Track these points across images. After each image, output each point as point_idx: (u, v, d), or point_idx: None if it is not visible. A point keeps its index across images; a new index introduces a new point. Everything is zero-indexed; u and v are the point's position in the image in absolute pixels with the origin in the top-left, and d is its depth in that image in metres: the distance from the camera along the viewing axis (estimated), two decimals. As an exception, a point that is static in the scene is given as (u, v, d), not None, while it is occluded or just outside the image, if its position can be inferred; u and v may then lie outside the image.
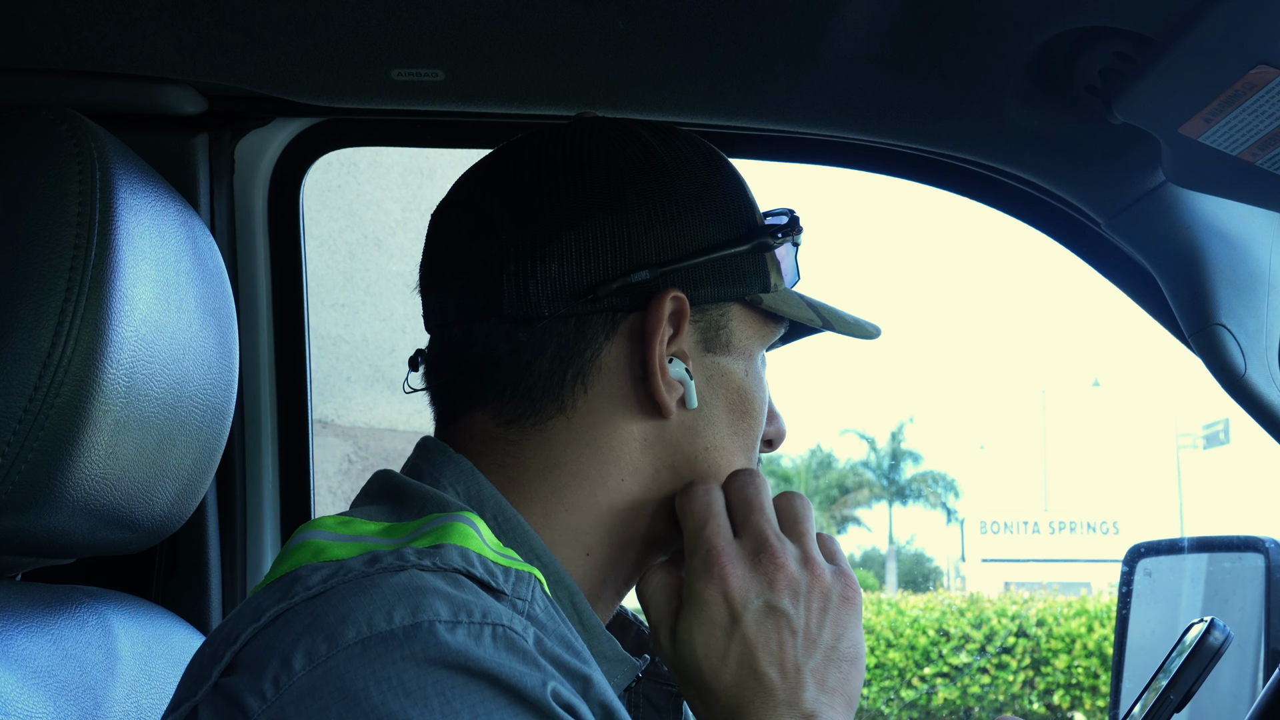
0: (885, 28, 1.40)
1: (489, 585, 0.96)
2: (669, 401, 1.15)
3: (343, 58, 1.55)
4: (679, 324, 1.16)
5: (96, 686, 1.21)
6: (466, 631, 0.88)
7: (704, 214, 1.19)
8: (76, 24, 1.46)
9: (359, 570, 0.93)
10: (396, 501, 1.10)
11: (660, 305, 1.14)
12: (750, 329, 1.21)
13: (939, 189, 1.81)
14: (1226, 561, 2.12)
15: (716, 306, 1.19)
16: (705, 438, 1.18)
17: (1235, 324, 1.52)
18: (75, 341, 1.08)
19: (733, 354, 1.20)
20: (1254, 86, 1.15)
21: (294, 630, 0.89)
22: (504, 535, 1.10)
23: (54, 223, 1.10)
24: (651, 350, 1.14)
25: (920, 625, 18.51)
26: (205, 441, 1.35)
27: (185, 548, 1.78)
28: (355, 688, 0.85)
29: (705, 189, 1.20)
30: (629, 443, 1.16)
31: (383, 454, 10.53)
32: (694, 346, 1.18)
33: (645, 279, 1.14)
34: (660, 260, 1.15)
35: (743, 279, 1.19)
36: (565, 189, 1.18)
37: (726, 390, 1.19)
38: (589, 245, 1.15)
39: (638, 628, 1.28)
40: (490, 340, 1.16)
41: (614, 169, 1.19)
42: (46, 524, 1.14)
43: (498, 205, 1.18)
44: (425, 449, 1.17)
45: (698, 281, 1.17)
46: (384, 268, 10.85)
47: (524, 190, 1.19)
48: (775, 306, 1.20)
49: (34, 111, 1.16)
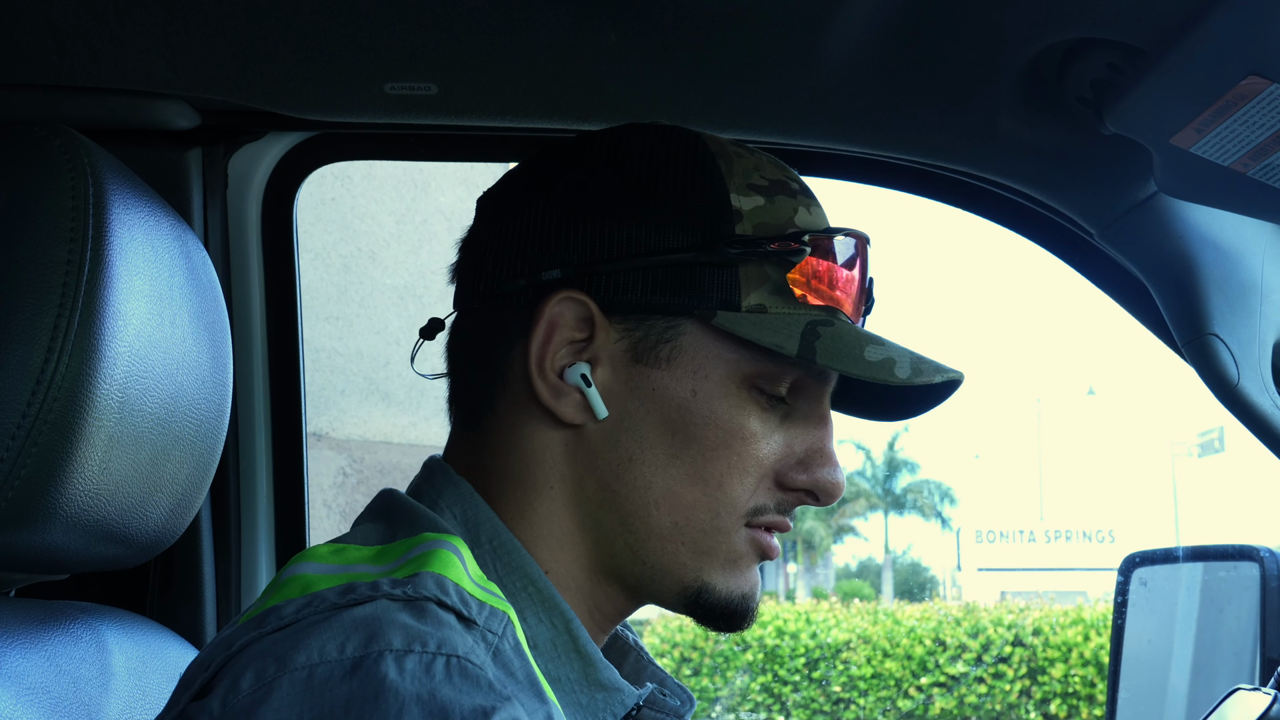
0: (877, 39, 1.41)
1: (461, 614, 0.95)
2: (558, 407, 1.12)
3: (336, 72, 1.55)
4: (592, 328, 1.12)
5: (91, 702, 1.21)
6: (418, 660, 0.87)
7: (649, 216, 1.13)
8: (69, 39, 1.46)
9: (331, 601, 0.94)
10: (393, 521, 1.10)
11: (545, 305, 1.12)
12: (708, 349, 1.12)
13: (932, 200, 1.82)
14: (1222, 570, 2.12)
15: (664, 318, 1.12)
16: (625, 448, 1.12)
17: (1228, 333, 1.52)
18: (68, 357, 1.08)
19: (674, 370, 1.12)
20: (1245, 97, 1.15)
21: (250, 654, 0.90)
22: (499, 561, 1.10)
23: (47, 238, 1.10)
24: (528, 351, 1.12)
25: (917, 635, 18.48)
26: (199, 456, 1.34)
27: (180, 562, 1.78)
28: (289, 709, 0.85)
29: (661, 190, 1.15)
30: (549, 448, 1.14)
31: (377, 467, 10.52)
32: (620, 354, 1.13)
33: (555, 278, 1.12)
34: (579, 260, 1.13)
35: (693, 291, 1.12)
36: (516, 183, 1.22)
37: (661, 407, 1.12)
38: (518, 240, 1.16)
39: (637, 653, 1.27)
40: (453, 331, 1.22)
41: (566, 164, 1.20)
42: (40, 539, 1.14)
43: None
44: (429, 469, 1.18)
45: (624, 286, 1.12)
46: (378, 281, 10.85)
47: (498, 186, 1.24)
48: (731, 326, 1.11)
49: (27, 127, 1.16)
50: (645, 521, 1.12)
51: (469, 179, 11.63)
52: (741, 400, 1.13)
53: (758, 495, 1.14)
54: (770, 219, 1.15)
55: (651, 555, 1.13)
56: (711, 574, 1.14)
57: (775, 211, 1.16)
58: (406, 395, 10.56)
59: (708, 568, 1.14)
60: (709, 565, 1.14)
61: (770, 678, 18.42)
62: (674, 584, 1.14)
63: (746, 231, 1.13)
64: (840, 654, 18.43)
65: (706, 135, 1.21)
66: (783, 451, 1.15)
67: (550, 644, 1.09)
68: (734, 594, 1.16)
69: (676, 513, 1.12)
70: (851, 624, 18.83)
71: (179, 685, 0.96)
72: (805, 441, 1.17)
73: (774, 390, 1.14)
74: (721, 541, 1.14)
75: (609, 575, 1.16)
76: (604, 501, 1.13)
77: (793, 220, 1.16)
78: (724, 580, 1.15)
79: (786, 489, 1.16)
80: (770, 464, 1.15)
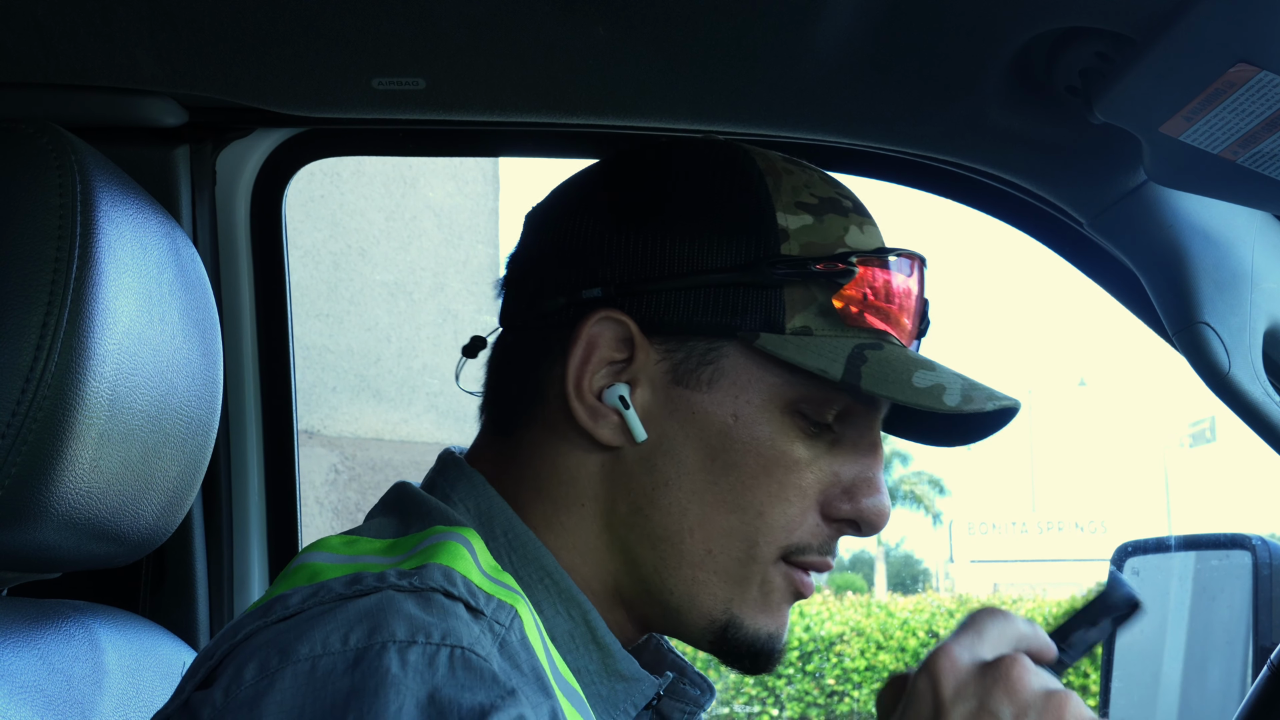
0: (866, 31, 1.40)
1: (468, 604, 0.94)
2: (596, 429, 1.10)
3: (323, 67, 1.55)
4: (632, 349, 1.10)
5: (84, 700, 1.21)
6: (421, 652, 0.87)
7: (692, 234, 1.11)
8: (55, 37, 1.45)
9: (337, 592, 0.93)
10: (405, 514, 1.10)
11: (584, 325, 1.10)
12: (751, 372, 1.09)
13: (921, 191, 1.81)
14: (1214, 559, 2.12)
15: (705, 340, 1.09)
16: (662, 471, 1.09)
17: (1218, 322, 1.52)
18: (57, 355, 1.08)
19: (715, 393, 1.09)
20: (1234, 84, 1.15)
21: (254, 643, 0.90)
22: (514, 553, 1.09)
23: (34, 237, 1.10)
24: (566, 370, 1.10)
25: (910, 627, 18.51)
26: (190, 453, 1.34)
27: (172, 560, 1.78)
28: (292, 701, 0.85)
29: (705, 208, 1.12)
30: (584, 468, 1.12)
31: (369, 464, 10.52)
32: (660, 376, 1.10)
33: (596, 296, 1.10)
34: (620, 278, 1.10)
35: (735, 311, 1.09)
36: (561, 199, 1.21)
37: (701, 431, 1.09)
38: (560, 258, 1.15)
39: (657, 641, 1.26)
40: (496, 347, 1.20)
41: (610, 180, 1.18)
42: (31, 538, 1.14)
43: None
44: (443, 462, 1.17)
45: (665, 306, 1.10)
46: (368, 277, 10.85)
47: (545, 202, 1.23)
48: (775, 349, 1.08)
49: (13, 125, 1.16)
50: (677, 547, 1.10)
51: (458, 174, 11.63)
52: (785, 426, 1.10)
53: (802, 531, 1.11)
54: (818, 238, 1.12)
55: (681, 584, 1.10)
56: (742, 608, 1.11)
57: (824, 231, 1.12)
58: (397, 392, 10.55)
59: (739, 601, 1.11)
60: (740, 598, 1.11)
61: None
62: (701, 616, 1.11)
63: (793, 251, 1.10)
64: (834, 647, 18.45)
65: (756, 151, 1.18)
66: (828, 480, 1.12)
67: (568, 635, 1.08)
68: (761, 632, 1.13)
69: (711, 540, 1.09)
70: (845, 616, 18.85)
71: (186, 674, 0.96)
72: (853, 470, 1.13)
73: (820, 417, 1.11)
74: (756, 573, 1.11)
75: (629, 602, 1.14)
76: (635, 525, 1.11)
77: (843, 240, 1.13)
78: (753, 616, 1.12)
79: (830, 520, 1.12)
80: (814, 493, 1.11)
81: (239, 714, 0.86)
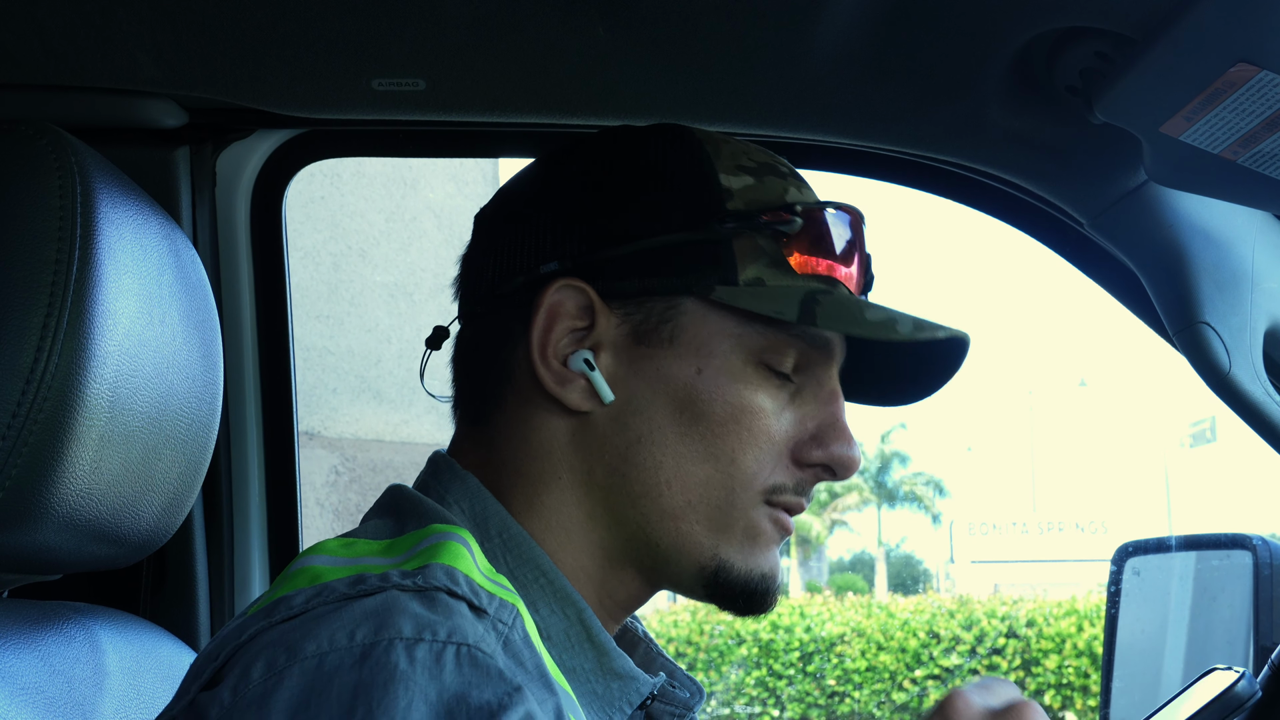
0: (865, 31, 1.41)
1: (472, 603, 0.95)
2: (564, 394, 1.13)
3: (323, 68, 1.55)
4: (592, 315, 1.13)
5: (85, 702, 1.21)
6: (428, 650, 0.87)
7: (640, 202, 1.15)
8: (54, 38, 1.45)
9: (341, 592, 0.94)
10: (401, 515, 1.11)
11: (544, 294, 1.13)
12: (710, 325, 1.13)
13: (921, 191, 1.81)
14: (1215, 559, 2.12)
15: (663, 299, 1.13)
16: (633, 430, 1.13)
17: (1219, 322, 1.52)
18: (58, 357, 1.08)
19: (677, 349, 1.13)
20: (1234, 84, 1.15)
21: (260, 643, 0.90)
22: (509, 554, 1.10)
23: (35, 238, 1.10)
24: (529, 342, 1.13)
25: (911, 628, 18.50)
26: (190, 455, 1.34)
27: (172, 562, 1.78)
28: (301, 698, 0.85)
29: (651, 177, 1.17)
30: (557, 438, 1.15)
31: (370, 465, 10.51)
32: (622, 338, 1.14)
33: (554, 270, 1.14)
34: (575, 252, 1.14)
35: (689, 269, 1.13)
36: (510, 194, 1.25)
37: (666, 386, 1.13)
38: (515, 244, 1.18)
39: (646, 644, 1.27)
40: (459, 342, 1.23)
41: (557, 169, 1.22)
42: (32, 540, 1.14)
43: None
44: (435, 465, 1.19)
45: (620, 272, 1.13)
46: (368, 278, 10.84)
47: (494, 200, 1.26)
48: (730, 299, 1.12)
49: (13, 126, 1.16)
50: (656, 502, 1.12)
51: (458, 175, 11.63)
52: (748, 376, 1.14)
53: (775, 473, 1.15)
54: (761, 196, 1.16)
55: (665, 536, 1.13)
56: (729, 552, 1.14)
57: (765, 190, 1.17)
58: (398, 393, 10.55)
59: (725, 545, 1.14)
60: (726, 543, 1.14)
61: (765, 671, 18.44)
62: (690, 564, 1.14)
63: (738, 208, 1.15)
64: (835, 647, 18.45)
65: (693, 127, 1.22)
66: (795, 429, 1.16)
67: (564, 635, 1.10)
68: (753, 573, 1.15)
69: (689, 491, 1.12)
70: (846, 617, 18.86)
71: (188, 675, 0.96)
72: (817, 417, 1.17)
73: (780, 366, 1.15)
74: (738, 518, 1.14)
75: (623, 561, 1.16)
76: (613, 486, 1.13)
77: (784, 198, 1.17)
78: (742, 559, 1.15)
79: (803, 465, 1.16)
80: (783, 441, 1.15)
81: (248, 712, 0.86)
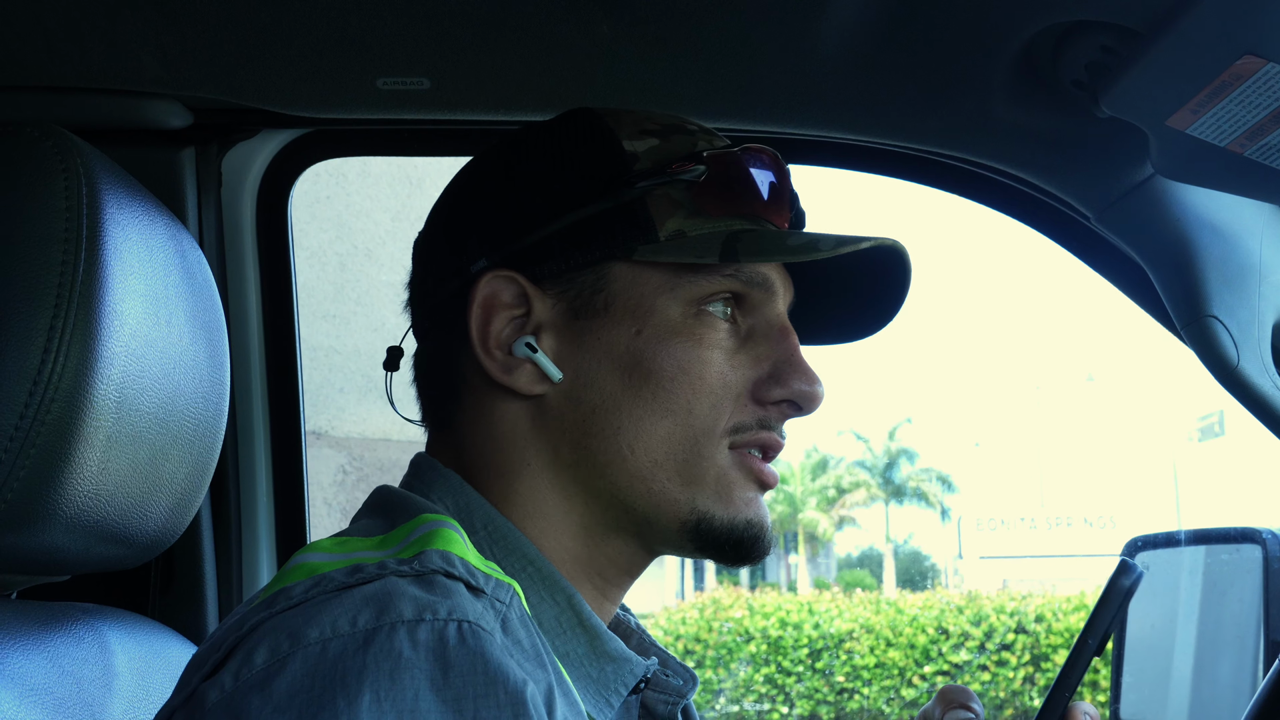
0: (871, 27, 1.40)
1: (469, 584, 0.96)
2: (513, 381, 1.14)
3: (328, 68, 1.55)
4: (527, 301, 1.15)
5: (94, 703, 1.21)
6: (430, 629, 0.88)
7: (551, 184, 1.17)
8: (60, 40, 1.45)
9: (340, 581, 0.94)
10: (390, 512, 1.11)
11: (475, 289, 1.15)
12: (640, 286, 1.14)
13: (928, 187, 1.81)
14: (1224, 553, 2.12)
15: (591, 270, 1.15)
16: (588, 402, 1.14)
17: (1227, 315, 1.52)
18: (65, 358, 1.08)
19: (613, 315, 1.14)
20: (1240, 77, 1.15)
21: (262, 631, 0.91)
22: (495, 545, 1.12)
23: (41, 240, 1.10)
24: (470, 337, 1.15)
25: (919, 624, 18.50)
26: (198, 455, 1.34)
27: (180, 562, 1.78)
28: (304, 684, 0.86)
29: (556, 158, 1.19)
30: (518, 426, 1.16)
31: (377, 464, 10.53)
32: (559, 317, 1.15)
33: (483, 266, 1.16)
34: (497, 243, 1.16)
35: (608, 237, 1.14)
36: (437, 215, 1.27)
37: (610, 353, 1.14)
38: (444, 255, 1.21)
39: (639, 635, 1.28)
40: (415, 361, 1.26)
41: (471, 177, 1.25)
42: (41, 541, 1.14)
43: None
44: (417, 466, 1.20)
45: (544, 254, 1.15)
46: (375, 278, 10.85)
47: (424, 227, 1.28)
48: (653, 256, 1.14)
49: (19, 128, 1.16)
50: (623, 467, 1.13)
51: (464, 175, 11.62)
52: (689, 327, 1.14)
53: (735, 415, 1.15)
54: (668, 153, 1.17)
55: (640, 499, 1.14)
56: (706, 502, 1.14)
57: (672, 147, 1.18)
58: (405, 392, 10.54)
59: (700, 496, 1.14)
60: (700, 494, 1.14)
61: (774, 668, 18.45)
62: (671, 521, 1.14)
63: (645, 168, 1.16)
64: (843, 644, 18.46)
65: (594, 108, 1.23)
66: (751, 369, 1.16)
67: (555, 621, 1.11)
68: (737, 520, 1.15)
69: (653, 450, 1.13)
70: (854, 614, 18.86)
71: (189, 667, 0.96)
72: (771, 356, 1.17)
73: (720, 310, 1.16)
74: (707, 468, 1.14)
75: (606, 533, 1.16)
76: (580, 461, 1.14)
77: (693, 150, 1.18)
78: (721, 507, 1.15)
79: (765, 404, 1.16)
80: (737, 383, 1.15)
81: (250, 696, 0.86)
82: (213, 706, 0.88)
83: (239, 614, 0.96)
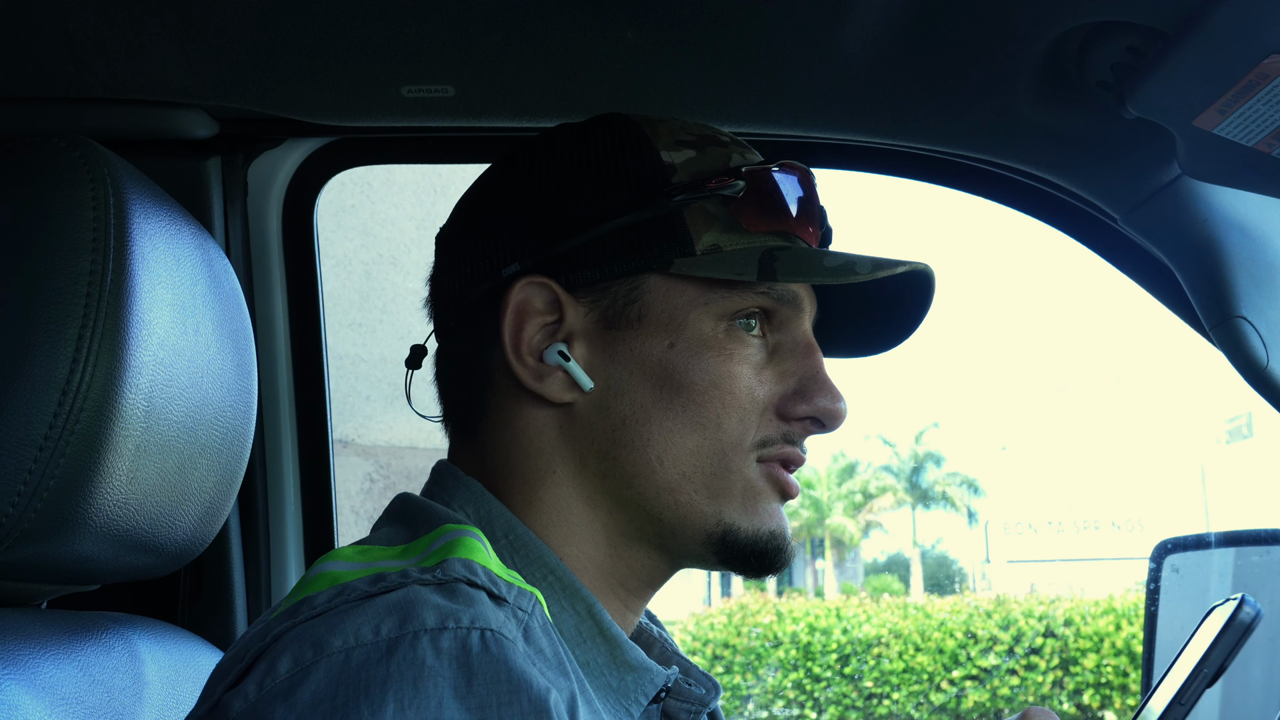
0: (895, 29, 1.40)
1: (491, 592, 0.96)
2: (543, 388, 1.14)
3: (353, 76, 1.55)
4: (560, 309, 1.15)
5: (124, 712, 1.21)
6: (453, 638, 0.88)
7: (588, 192, 1.17)
8: (86, 52, 1.46)
9: (362, 590, 0.94)
10: (412, 521, 1.12)
11: (509, 294, 1.15)
12: (674, 299, 1.15)
13: (953, 190, 1.81)
14: (1254, 555, 2.11)
15: (626, 280, 1.15)
16: (617, 413, 1.14)
17: (1256, 316, 1.51)
18: (93, 368, 1.09)
19: (647, 327, 1.15)
20: (1267, 76, 1.14)
21: (285, 641, 0.91)
22: (516, 554, 1.12)
23: (69, 250, 1.10)
24: (503, 343, 1.15)
25: (947, 628, 18.46)
26: (226, 464, 1.35)
27: (209, 571, 1.79)
28: (328, 693, 0.86)
29: (594, 165, 1.18)
30: (545, 433, 1.16)
31: (404, 472, 10.54)
32: (592, 326, 1.15)
33: (515, 271, 1.16)
34: (532, 249, 1.16)
35: (645, 248, 1.15)
36: (463, 211, 1.26)
37: (642, 365, 1.14)
38: (475, 256, 1.20)
39: (662, 644, 1.28)
40: (438, 360, 1.26)
41: (502, 177, 1.25)
42: (70, 550, 1.14)
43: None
44: (438, 473, 1.21)
45: (579, 262, 1.15)
46: (400, 285, 10.87)
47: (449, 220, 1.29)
48: (690, 269, 1.14)
49: (46, 139, 1.16)
50: (651, 479, 1.13)
51: (488, 182, 11.63)
52: (720, 341, 1.15)
53: (761, 429, 1.16)
54: (705, 166, 1.18)
55: (667, 510, 1.14)
56: (732, 514, 1.15)
57: (709, 159, 1.19)
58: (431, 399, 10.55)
59: (726, 509, 1.15)
60: (727, 506, 1.15)
61: (803, 674, 18.42)
62: (697, 533, 1.15)
63: (683, 180, 1.16)
64: (872, 649, 18.43)
65: (629, 114, 1.24)
66: (777, 385, 1.17)
67: (575, 630, 1.10)
68: (760, 532, 1.16)
69: (681, 463, 1.13)
70: (882, 619, 18.83)
71: (212, 677, 0.96)
72: (797, 372, 1.18)
73: (750, 326, 1.17)
74: (735, 480, 1.15)
75: (630, 543, 1.17)
76: (607, 471, 1.14)
77: (727, 164, 1.19)
78: (747, 519, 1.15)
79: (790, 420, 1.17)
80: (764, 399, 1.16)
81: (273, 705, 0.87)
82: (236, 716, 0.88)
83: (262, 623, 0.97)
